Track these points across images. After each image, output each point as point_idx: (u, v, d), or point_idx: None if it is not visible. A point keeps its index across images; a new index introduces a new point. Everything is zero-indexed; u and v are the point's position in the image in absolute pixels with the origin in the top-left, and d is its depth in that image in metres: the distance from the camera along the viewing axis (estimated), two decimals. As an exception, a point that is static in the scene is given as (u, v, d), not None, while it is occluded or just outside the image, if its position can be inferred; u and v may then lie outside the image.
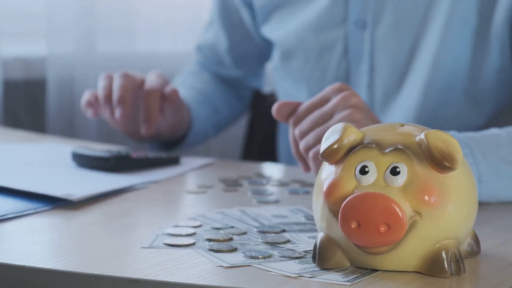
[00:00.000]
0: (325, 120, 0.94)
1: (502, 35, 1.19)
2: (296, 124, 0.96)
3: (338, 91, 0.95)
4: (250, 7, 1.42)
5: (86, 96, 1.25)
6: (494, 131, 1.00)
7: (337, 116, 0.93)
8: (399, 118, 1.25)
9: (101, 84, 1.23)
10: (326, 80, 1.31)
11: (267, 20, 1.39)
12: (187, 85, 1.45)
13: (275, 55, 1.40)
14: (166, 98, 1.24)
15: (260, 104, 1.56)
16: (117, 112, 1.19)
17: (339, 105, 0.94)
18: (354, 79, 1.28)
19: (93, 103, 1.24)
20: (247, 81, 1.52)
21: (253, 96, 1.55)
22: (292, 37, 1.34)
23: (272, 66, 1.43)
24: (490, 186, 0.94)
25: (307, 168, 0.97)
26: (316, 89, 1.33)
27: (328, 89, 0.96)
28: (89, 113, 1.25)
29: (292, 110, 0.97)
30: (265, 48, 1.45)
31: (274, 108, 0.97)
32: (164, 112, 1.26)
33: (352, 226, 0.66)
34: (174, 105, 1.26)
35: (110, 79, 1.23)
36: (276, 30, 1.37)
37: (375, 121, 0.95)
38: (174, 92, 1.24)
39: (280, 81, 1.40)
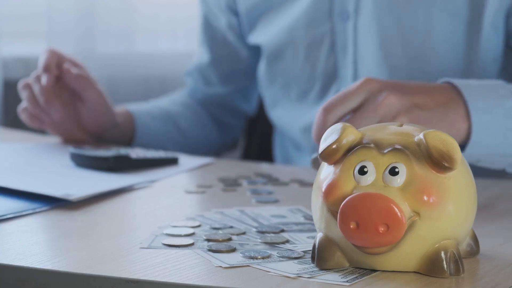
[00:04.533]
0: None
1: (496, 23, 1.19)
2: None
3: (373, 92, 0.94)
4: (236, 15, 1.42)
5: (23, 114, 1.30)
6: None
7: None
8: None
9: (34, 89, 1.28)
10: (316, 75, 1.31)
11: (253, 28, 1.38)
12: (152, 103, 1.46)
13: (262, 63, 1.39)
14: (64, 75, 1.28)
15: (260, 103, 1.56)
16: (43, 79, 1.24)
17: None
18: (341, 72, 1.28)
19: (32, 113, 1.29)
20: (235, 101, 1.50)
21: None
22: (280, 36, 1.34)
23: (258, 76, 1.42)
24: None
25: None
26: (307, 86, 1.33)
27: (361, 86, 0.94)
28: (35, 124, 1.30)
29: None
30: (253, 62, 1.44)
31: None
32: (82, 99, 1.29)
33: (351, 226, 0.66)
34: (73, 81, 1.27)
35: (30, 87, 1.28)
36: (263, 34, 1.36)
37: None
38: (68, 70, 1.27)
39: (268, 87, 1.39)
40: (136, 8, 1.95)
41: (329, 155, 0.70)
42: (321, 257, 0.69)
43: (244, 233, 0.80)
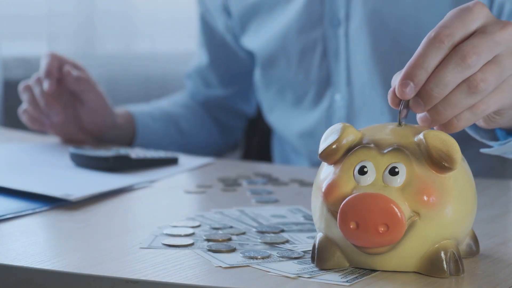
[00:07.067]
0: None
1: None
2: None
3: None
4: (230, 16, 1.41)
5: (24, 116, 1.29)
6: None
7: None
8: (382, 114, 1.24)
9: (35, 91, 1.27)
10: (310, 82, 1.31)
11: (245, 30, 1.38)
12: (153, 104, 1.46)
13: (257, 70, 1.39)
14: (64, 79, 1.27)
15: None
16: (45, 84, 1.23)
17: None
18: (334, 78, 1.28)
19: (32, 115, 1.28)
20: (236, 103, 1.49)
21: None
22: (273, 43, 1.33)
23: (255, 81, 1.42)
24: None
25: None
26: (301, 92, 1.33)
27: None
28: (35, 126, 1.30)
29: None
30: (251, 64, 1.43)
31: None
32: (82, 100, 1.28)
33: (351, 226, 0.66)
34: (73, 83, 1.27)
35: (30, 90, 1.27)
36: (255, 39, 1.36)
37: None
38: (69, 73, 1.26)
39: (263, 93, 1.39)
40: (136, 8, 1.95)
41: (329, 155, 0.70)
42: (321, 257, 0.69)
43: (244, 233, 0.80)
